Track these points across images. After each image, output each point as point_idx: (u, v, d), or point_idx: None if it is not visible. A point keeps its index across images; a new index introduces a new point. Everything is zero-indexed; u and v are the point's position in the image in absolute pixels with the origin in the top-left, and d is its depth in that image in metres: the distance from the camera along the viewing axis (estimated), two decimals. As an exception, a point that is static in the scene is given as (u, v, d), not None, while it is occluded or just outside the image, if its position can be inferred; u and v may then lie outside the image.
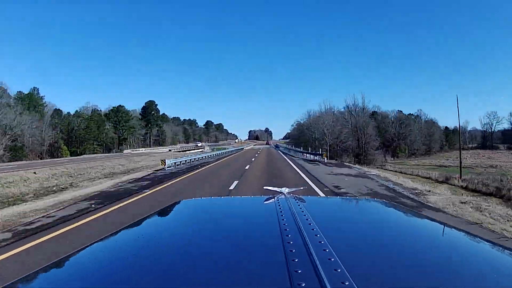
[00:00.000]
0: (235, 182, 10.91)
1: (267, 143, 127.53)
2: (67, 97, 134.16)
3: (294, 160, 25.27)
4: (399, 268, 0.66)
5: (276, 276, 0.57)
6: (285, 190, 1.43)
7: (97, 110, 66.59)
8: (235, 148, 58.16)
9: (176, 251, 0.79)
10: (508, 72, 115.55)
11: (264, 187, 1.74)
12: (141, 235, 0.98)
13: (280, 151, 50.23)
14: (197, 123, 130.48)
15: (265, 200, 1.22)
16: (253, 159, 25.40)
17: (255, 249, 0.76)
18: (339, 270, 0.54)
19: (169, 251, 0.79)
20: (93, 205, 7.53)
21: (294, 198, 1.21)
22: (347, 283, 0.50)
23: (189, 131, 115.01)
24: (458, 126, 30.83)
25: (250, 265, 0.65)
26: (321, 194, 8.15)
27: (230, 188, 9.72)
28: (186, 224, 1.12)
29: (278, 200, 1.16)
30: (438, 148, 72.15)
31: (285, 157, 29.32)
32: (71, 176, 17.60)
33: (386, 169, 29.46)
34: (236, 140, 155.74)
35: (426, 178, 23.29)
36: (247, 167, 17.62)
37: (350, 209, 1.40)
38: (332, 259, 0.59)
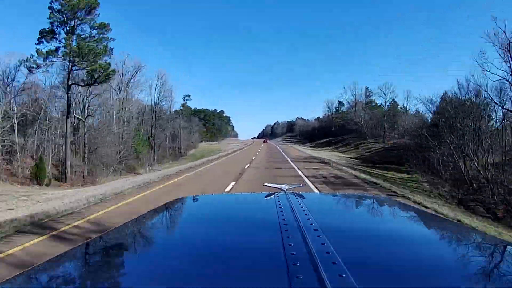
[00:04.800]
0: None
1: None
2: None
3: None
4: (398, 264, 0.68)
5: (274, 273, 0.59)
6: (285, 186, 1.45)
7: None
8: None
9: (175, 247, 0.81)
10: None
11: (265, 184, 1.77)
12: (142, 231, 1.02)
13: None
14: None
15: (265, 197, 1.25)
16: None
17: (254, 245, 0.78)
18: (336, 263, 0.56)
19: (168, 247, 0.82)
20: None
21: (294, 194, 1.23)
22: (343, 275, 0.52)
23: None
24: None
25: (248, 260, 0.67)
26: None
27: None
28: (186, 220, 1.16)
29: (278, 196, 1.18)
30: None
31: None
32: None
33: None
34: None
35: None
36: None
37: (350, 205, 1.43)
38: (330, 253, 0.61)
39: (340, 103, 75.15)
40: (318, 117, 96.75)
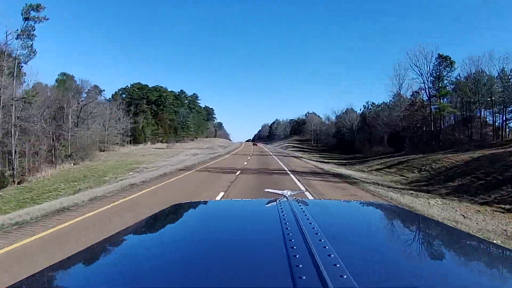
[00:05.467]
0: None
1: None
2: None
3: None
4: (400, 268, 0.69)
5: (278, 272, 0.60)
6: (287, 193, 1.45)
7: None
8: None
9: (177, 253, 0.80)
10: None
11: (266, 190, 1.75)
12: (141, 238, 1.01)
13: None
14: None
15: (267, 203, 1.24)
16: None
17: (257, 251, 0.78)
18: (345, 277, 0.56)
19: (170, 253, 0.80)
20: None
21: (297, 201, 1.23)
22: (344, 276, 0.53)
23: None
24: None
25: (252, 267, 0.67)
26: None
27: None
28: (187, 226, 1.14)
29: (280, 203, 1.17)
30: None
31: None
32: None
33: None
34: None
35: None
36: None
37: (354, 212, 1.42)
38: (338, 265, 0.60)
39: (444, 59, 28.82)
40: (355, 110, 55.06)
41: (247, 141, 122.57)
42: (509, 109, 24.89)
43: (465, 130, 26.99)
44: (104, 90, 46.19)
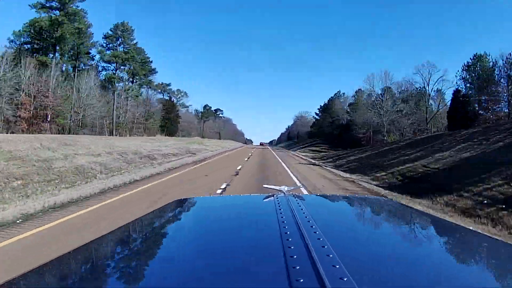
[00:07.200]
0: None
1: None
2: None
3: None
4: (398, 266, 0.68)
5: (274, 273, 0.59)
6: (284, 188, 1.46)
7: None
8: None
9: (173, 249, 0.81)
10: None
11: (263, 186, 1.82)
12: (142, 233, 1.02)
13: None
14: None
15: (264, 198, 1.25)
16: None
17: (254, 247, 0.78)
18: (337, 267, 0.56)
19: (167, 249, 0.82)
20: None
21: (294, 196, 1.23)
22: (345, 279, 0.52)
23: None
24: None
25: (248, 262, 0.67)
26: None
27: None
28: (185, 222, 1.15)
29: (277, 198, 1.18)
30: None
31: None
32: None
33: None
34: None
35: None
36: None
37: (350, 207, 1.42)
38: (331, 255, 0.61)
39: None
40: None
41: (269, 143, 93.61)
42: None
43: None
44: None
